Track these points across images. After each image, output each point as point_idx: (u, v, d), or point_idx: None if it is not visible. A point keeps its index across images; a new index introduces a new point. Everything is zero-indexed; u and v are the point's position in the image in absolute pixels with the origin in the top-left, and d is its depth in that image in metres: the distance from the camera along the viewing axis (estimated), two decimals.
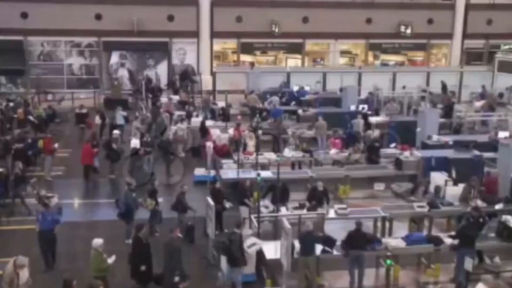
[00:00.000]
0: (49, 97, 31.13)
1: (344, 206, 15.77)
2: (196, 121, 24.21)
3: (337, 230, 14.58)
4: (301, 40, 35.49)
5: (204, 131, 22.56)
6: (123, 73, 34.12)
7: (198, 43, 34.23)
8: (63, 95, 31.93)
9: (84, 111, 25.56)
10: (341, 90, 29.42)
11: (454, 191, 16.37)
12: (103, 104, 30.41)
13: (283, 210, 15.18)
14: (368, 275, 13.33)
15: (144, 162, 20.39)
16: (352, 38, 36.23)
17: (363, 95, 29.49)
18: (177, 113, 25.76)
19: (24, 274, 10.80)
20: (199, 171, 20.07)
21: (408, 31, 34.98)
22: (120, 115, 24.65)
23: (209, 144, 20.47)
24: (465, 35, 36.88)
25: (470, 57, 37.44)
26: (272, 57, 36.85)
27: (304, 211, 15.17)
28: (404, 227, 15.72)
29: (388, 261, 13.19)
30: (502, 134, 20.98)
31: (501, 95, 31.58)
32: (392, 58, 37.64)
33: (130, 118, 24.55)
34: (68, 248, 14.44)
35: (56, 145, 20.71)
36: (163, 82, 33.80)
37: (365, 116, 24.59)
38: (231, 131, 22.42)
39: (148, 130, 22.91)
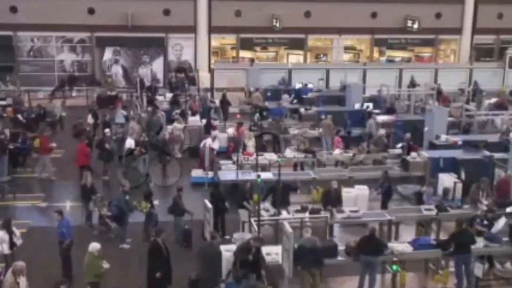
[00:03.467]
0: (40, 95, 31.01)
1: None
2: (192, 120, 24.24)
3: (341, 234, 14.83)
4: (303, 35, 35.26)
5: (209, 127, 22.57)
6: (117, 70, 33.82)
7: (196, 39, 33.99)
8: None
9: (113, 93, 28.51)
10: (344, 87, 29.09)
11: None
12: (96, 102, 29.92)
13: (284, 213, 15.04)
14: None
15: (140, 163, 20.11)
16: (356, 33, 36.03)
17: (368, 92, 29.03)
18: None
19: (23, 282, 10.90)
20: (197, 173, 19.90)
21: (415, 26, 34.54)
22: (120, 114, 24.76)
23: (207, 144, 20.23)
24: (475, 30, 36.55)
25: (480, 53, 37.27)
26: (273, 53, 36.78)
27: (307, 214, 14.90)
28: (411, 231, 15.54)
29: (395, 267, 13.14)
30: None
31: None
32: (399, 54, 37.51)
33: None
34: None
35: (54, 144, 20.47)
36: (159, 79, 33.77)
37: (369, 115, 24.26)
38: (230, 130, 22.49)
39: (147, 129, 22.60)
